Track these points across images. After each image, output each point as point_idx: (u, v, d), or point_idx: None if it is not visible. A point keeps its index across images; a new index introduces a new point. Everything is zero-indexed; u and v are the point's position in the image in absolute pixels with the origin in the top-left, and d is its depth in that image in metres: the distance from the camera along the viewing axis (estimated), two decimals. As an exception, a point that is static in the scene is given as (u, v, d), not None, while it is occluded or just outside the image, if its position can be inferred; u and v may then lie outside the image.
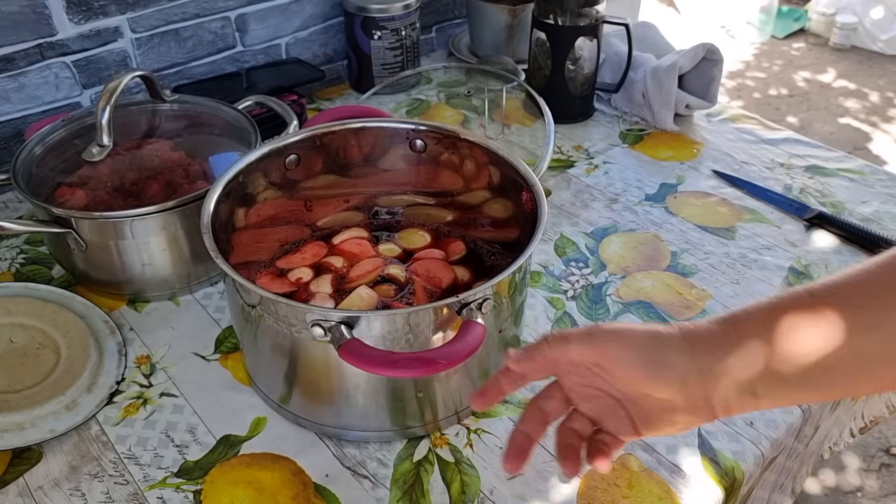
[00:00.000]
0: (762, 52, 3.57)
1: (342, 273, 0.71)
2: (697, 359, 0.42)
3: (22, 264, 0.82)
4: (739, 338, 0.41)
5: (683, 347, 0.42)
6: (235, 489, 0.59)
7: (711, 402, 0.42)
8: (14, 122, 0.94)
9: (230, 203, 0.66)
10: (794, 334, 0.40)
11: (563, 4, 0.99)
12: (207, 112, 0.86)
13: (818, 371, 0.39)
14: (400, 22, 1.10)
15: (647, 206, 0.92)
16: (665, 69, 1.02)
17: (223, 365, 0.71)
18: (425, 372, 0.47)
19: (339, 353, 0.50)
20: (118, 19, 0.96)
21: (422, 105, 1.13)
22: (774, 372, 0.40)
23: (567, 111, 1.07)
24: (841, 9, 3.56)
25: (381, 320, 0.54)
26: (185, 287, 0.77)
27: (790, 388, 0.41)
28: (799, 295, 0.41)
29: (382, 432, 0.62)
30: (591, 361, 0.44)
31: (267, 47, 1.12)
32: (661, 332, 0.43)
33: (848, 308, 0.39)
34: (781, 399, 0.42)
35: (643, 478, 0.60)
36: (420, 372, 0.48)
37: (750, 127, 1.08)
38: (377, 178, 0.77)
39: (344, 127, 0.73)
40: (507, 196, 0.70)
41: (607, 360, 0.43)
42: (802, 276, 0.81)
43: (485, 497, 0.59)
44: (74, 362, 0.67)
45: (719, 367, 0.41)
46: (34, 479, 0.60)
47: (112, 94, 0.75)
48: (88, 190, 0.75)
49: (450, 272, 0.71)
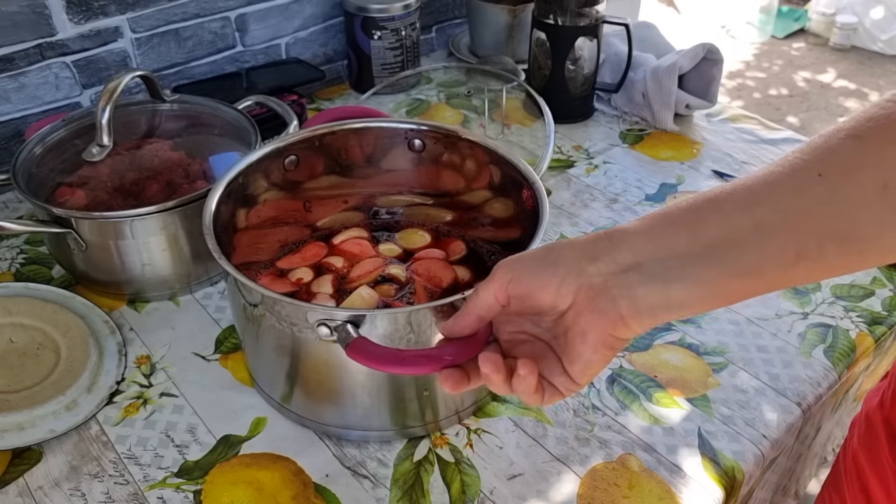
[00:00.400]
0: (762, 52, 3.57)
1: (343, 273, 0.71)
2: (593, 247, 0.42)
3: (22, 264, 0.82)
4: (642, 224, 0.42)
5: (576, 244, 0.43)
6: (235, 489, 0.59)
7: (614, 297, 0.41)
8: (14, 122, 0.94)
9: (231, 204, 0.66)
10: (697, 215, 0.40)
11: (563, 4, 0.99)
12: (207, 112, 0.86)
13: (727, 246, 0.39)
14: (400, 22, 1.10)
15: (647, 206, 0.92)
16: (665, 69, 1.02)
17: (223, 365, 0.71)
18: (433, 369, 0.47)
19: (347, 351, 0.50)
20: (118, 19, 0.96)
21: (422, 105, 1.13)
22: (679, 252, 0.40)
23: (567, 111, 1.07)
24: (841, 9, 3.56)
25: (388, 319, 0.54)
26: (185, 287, 0.77)
27: (699, 267, 0.40)
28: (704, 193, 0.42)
29: (383, 432, 0.62)
30: (501, 297, 0.44)
31: (267, 47, 1.12)
32: (557, 241, 0.44)
33: (739, 190, 0.40)
34: (693, 282, 0.40)
35: (643, 478, 0.60)
36: (429, 369, 0.48)
37: (750, 127, 1.08)
38: (377, 179, 0.77)
39: (344, 127, 0.73)
40: (508, 195, 0.70)
41: (510, 286, 0.43)
42: (802, 276, 0.81)
43: (485, 497, 0.59)
44: (74, 362, 0.67)
45: (618, 252, 0.41)
46: (34, 479, 0.60)
47: (112, 94, 0.75)
48: (88, 190, 0.75)
49: (450, 272, 0.71)
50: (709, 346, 0.72)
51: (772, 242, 0.39)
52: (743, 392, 0.68)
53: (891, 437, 0.58)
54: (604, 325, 0.41)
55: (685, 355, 0.71)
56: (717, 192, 0.41)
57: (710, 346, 0.72)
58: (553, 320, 0.45)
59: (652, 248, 0.40)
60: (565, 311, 0.43)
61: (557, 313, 0.44)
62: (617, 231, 0.42)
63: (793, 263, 0.39)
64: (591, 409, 0.66)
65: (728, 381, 0.69)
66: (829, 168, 0.39)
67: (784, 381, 0.69)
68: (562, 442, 0.63)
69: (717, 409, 0.66)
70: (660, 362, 0.70)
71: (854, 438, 0.63)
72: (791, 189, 0.39)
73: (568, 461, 0.62)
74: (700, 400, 0.67)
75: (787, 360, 0.71)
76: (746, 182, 0.41)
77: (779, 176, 0.40)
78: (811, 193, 0.39)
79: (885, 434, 0.59)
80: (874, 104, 0.40)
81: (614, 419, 0.65)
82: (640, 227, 0.42)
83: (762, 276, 0.40)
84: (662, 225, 0.41)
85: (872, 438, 0.60)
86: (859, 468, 0.61)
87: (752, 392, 0.68)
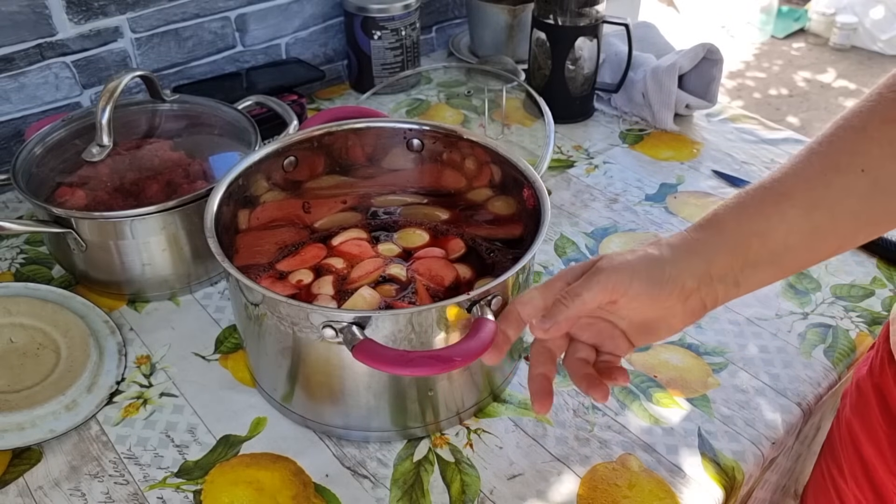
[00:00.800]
0: (762, 52, 3.57)
1: (343, 274, 0.71)
2: (691, 266, 0.46)
3: (22, 264, 0.82)
4: (720, 239, 0.47)
5: (676, 260, 0.47)
6: (235, 489, 0.59)
7: (704, 302, 0.47)
8: (14, 122, 0.94)
9: (232, 205, 0.66)
10: (761, 224, 0.46)
11: (563, 4, 0.99)
12: (207, 112, 0.86)
13: (784, 250, 0.46)
14: (400, 22, 1.10)
15: (647, 206, 0.92)
16: (665, 69, 1.02)
17: (223, 365, 0.71)
18: (441, 370, 0.47)
19: (354, 353, 0.50)
20: (118, 19, 0.96)
21: (422, 105, 1.13)
22: (751, 261, 0.46)
23: (567, 111, 1.07)
24: (841, 9, 3.56)
25: (393, 320, 0.54)
26: (185, 287, 0.77)
27: (763, 270, 0.47)
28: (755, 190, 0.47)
29: (383, 432, 0.62)
30: (605, 304, 0.48)
31: (267, 47, 1.12)
32: (653, 254, 0.47)
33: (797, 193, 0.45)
34: (757, 282, 0.47)
35: (643, 478, 0.60)
36: (436, 370, 0.48)
37: (750, 127, 1.08)
38: (377, 179, 0.77)
39: (343, 127, 0.73)
40: (508, 194, 0.71)
41: (616, 297, 0.47)
42: (802, 276, 0.81)
43: (485, 497, 0.59)
44: (74, 362, 0.67)
45: (710, 268, 0.46)
46: (34, 479, 0.60)
47: (112, 94, 0.75)
48: (88, 190, 0.75)
49: (451, 270, 0.71)
50: (709, 346, 0.72)
51: (822, 243, 0.46)
52: (743, 392, 0.68)
53: (881, 402, 0.60)
54: (689, 318, 0.48)
55: (685, 355, 0.71)
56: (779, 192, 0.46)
57: (710, 346, 0.72)
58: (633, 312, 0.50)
59: (735, 263, 0.46)
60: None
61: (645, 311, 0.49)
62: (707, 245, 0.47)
63: (832, 255, 0.47)
64: (591, 409, 0.66)
65: (728, 381, 0.69)
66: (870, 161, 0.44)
67: (784, 381, 0.69)
68: (562, 442, 0.63)
69: (717, 409, 0.66)
70: (660, 362, 0.70)
71: (846, 408, 0.65)
72: (842, 190, 0.44)
73: (568, 461, 0.62)
74: (700, 400, 0.67)
75: (787, 360, 0.71)
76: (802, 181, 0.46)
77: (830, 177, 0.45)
78: (858, 191, 0.44)
79: (875, 400, 0.61)
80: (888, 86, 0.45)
81: (614, 419, 0.65)
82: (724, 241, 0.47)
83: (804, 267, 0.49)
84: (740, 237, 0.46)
85: (864, 405, 0.62)
86: (853, 435, 0.63)
87: (752, 392, 0.68)
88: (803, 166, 0.46)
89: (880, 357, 0.61)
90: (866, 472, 0.62)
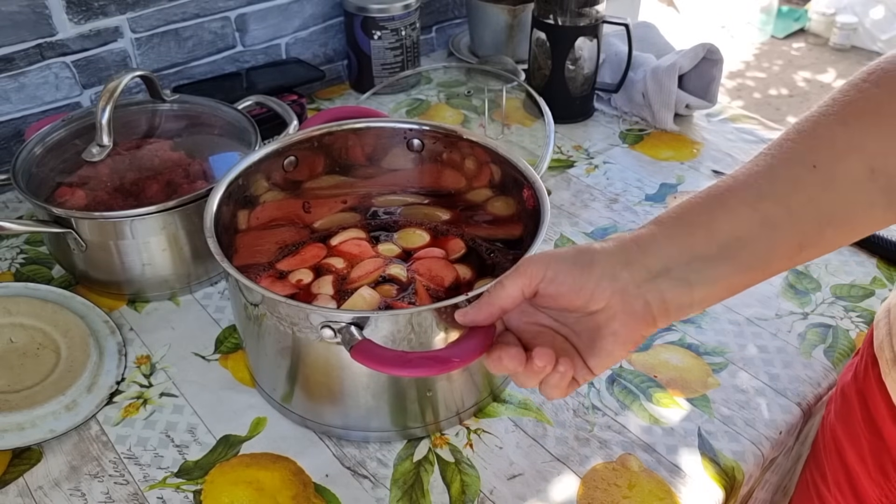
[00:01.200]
0: (762, 52, 3.57)
1: (343, 274, 0.71)
2: (625, 252, 0.44)
3: (22, 264, 0.82)
4: (658, 230, 0.44)
5: (608, 249, 0.44)
6: (235, 489, 0.59)
7: (648, 301, 0.44)
8: (14, 122, 0.94)
9: (231, 205, 0.66)
10: (703, 216, 0.44)
11: (563, 4, 0.99)
12: (207, 112, 0.86)
13: (735, 243, 0.43)
14: (400, 22, 1.10)
15: (647, 206, 0.92)
16: (665, 69, 1.02)
17: (223, 365, 0.71)
18: (440, 371, 0.47)
19: (352, 354, 0.49)
20: (118, 19, 0.96)
21: (422, 105, 1.13)
22: (698, 254, 0.43)
23: (567, 111, 1.07)
24: (841, 9, 3.56)
25: (391, 321, 0.53)
26: (185, 287, 0.77)
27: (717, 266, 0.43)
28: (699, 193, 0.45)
29: (383, 432, 0.62)
30: (528, 292, 0.45)
31: (267, 47, 1.12)
32: (592, 245, 0.45)
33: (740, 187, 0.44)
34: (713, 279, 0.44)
35: (643, 478, 0.60)
36: (434, 371, 0.48)
37: (750, 127, 1.08)
38: (377, 179, 0.77)
39: (343, 127, 0.73)
40: (509, 194, 0.70)
41: (540, 284, 0.45)
42: (802, 276, 0.81)
43: (485, 497, 0.59)
44: (74, 362, 0.67)
45: (646, 259, 0.44)
46: (34, 479, 0.60)
47: (112, 94, 0.75)
48: (88, 190, 0.75)
49: (451, 270, 0.71)
50: (709, 346, 0.72)
51: (778, 235, 0.43)
52: (743, 392, 0.68)
53: (864, 409, 0.60)
54: (637, 326, 0.44)
55: (685, 355, 0.71)
56: (724, 188, 0.44)
57: (710, 346, 0.72)
58: (577, 318, 0.46)
59: (676, 253, 0.44)
60: (595, 312, 0.45)
61: (585, 313, 0.45)
62: (643, 237, 0.45)
63: (797, 252, 0.44)
64: (591, 410, 0.66)
65: (728, 381, 0.69)
66: (823, 157, 0.42)
67: (784, 381, 0.69)
68: (562, 442, 0.63)
69: (717, 409, 0.66)
70: (660, 362, 0.70)
71: (831, 414, 0.65)
72: (791, 183, 0.43)
73: (568, 461, 0.62)
74: (700, 400, 0.67)
75: (787, 360, 0.71)
76: (748, 177, 0.44)
77: (777, 170, 0.43)
78: (809, 185, 0.42)
79: (859, 406, 0.61)
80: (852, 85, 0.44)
81: (614, 419, 0.65)
82: (663, 232, 0.44)
83: (769, 266, 0.44)
84: (681, 228, 0.44)
85: (848, 411, 0.62)
86: (837, 442, 0.63)
87: (752, 392, 0.68)
88: (750, 165, 0.45)
89: (864, 363, 0.61)
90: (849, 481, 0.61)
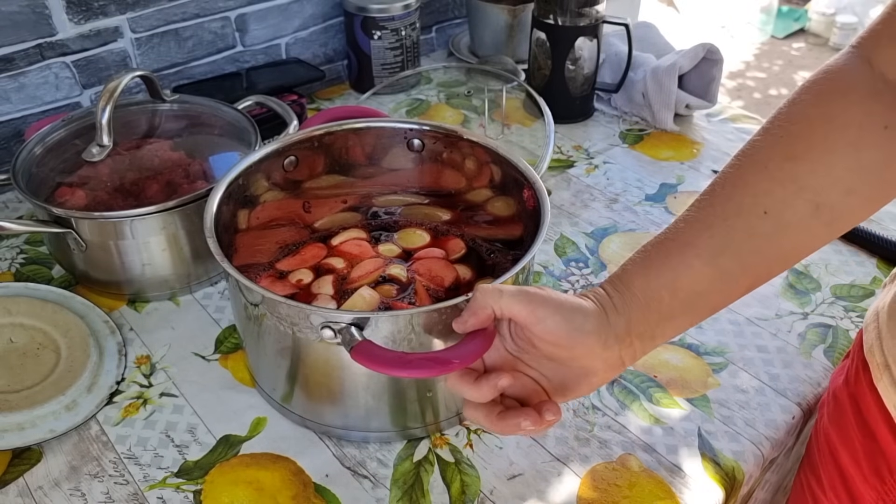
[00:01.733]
0: (762, 52, 3.57)
1: (343, 274, 0.71)
2: (612, 326, 0.46)
3: (22, 264, 0.82)
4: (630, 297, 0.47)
5: (600, 318, 0.46)
6: (235, 489, 0.59)
7: (622, 358, 0.47)
8: (14, 122, 0.94)
9: (231, 205, 0.66)
10: (668, 276, 0.46)
11: (563, 4, 0.99)
12: (207, 112, 0.86)
13: (695, 297, 0.47)
14: (400, 22, 1.10)
15: (647, 206, 0.92)
16: (665, 69, 1.02)
17: (223, 365, 0.71)
18: (439, 372, 0.47)
19: (352, 354, 0.49)
20: (118, 19, 0.96)
21: (422, 105, 1.13)
22: (665, 314, 0.47)
23: (567, 111, 1.07)
24: (841, 9, 3.56)
25: (391, 321, 0.53)
26: (185, 287, 0.77)
27: (678, 321, 0.47)
28: (660, 243, 0.47)
29: (383, 433, 0.62)
30: (520, 319, 0.47)
31: (267, 47, 1.12)
32: (584, 305, 0.47)
33: (700, 242, 0.46)
34: (672, 332, 0.48)
35: (643, 478, 0.60)
36: (434, 372, 0.48)
37: (750, 127, 1.08)
38: (377, 179, 0.77)
39: (343, 127, 0.73)
40: (509, 194, 0.71)
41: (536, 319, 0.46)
42: (802, 276, 0.81)
43: (485, 497, 0.59)
44: (74, 362, 0.67)
45: (630, 325, 0.46)
46: (34, 479, 0.60)
47: (112, 94, 0.75)
48: (88, 190, 0.75)
49: (452, 271, 0.71)
50: (709, 346, 0.72)
51: (732, 286, 0.47)
52: (743, 392, 0.68)
53: (857, 412, 0.60)
54: (610, 374, 0.49)
55: (685, 355, 0.71)
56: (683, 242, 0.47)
57: (710, 346, 0.72)
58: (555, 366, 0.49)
59: (647, 317, 0.47)
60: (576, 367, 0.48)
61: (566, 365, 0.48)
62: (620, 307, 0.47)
63: (745, 292, 0.47)
64: (591, 409, 0.66)
65: (728, 382, 0.69)
66: (773, 201, 0.45)
67: (784, 381, 0.69)
68: (562, 442, 0.63)
69: (717, 409, 0.66)
70: (660, 362, 0.70)
71: (824, 418, 0.65)
72: (745, 233, 0.45)
73: (568, 461, 0.62)
74: (700, 400, 0.67)
75: (787, 360, 0.71)
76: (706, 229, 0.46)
77: (734, 222, 0.45)
78: (760, 234, 0.45)
79: (851, 409, 0.61)
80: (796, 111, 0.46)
81: (614, 419, 0.65)
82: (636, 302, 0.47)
83: (718, 309, 0.48)
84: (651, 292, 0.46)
85: (840, 415, 0.62)
86: (831, 446, 0.63)
87: (752, 392, 0.68)
88: (706, 213, 0.46)
89: (855, 366, 0.61)
90: (844, 483, 0.61)
